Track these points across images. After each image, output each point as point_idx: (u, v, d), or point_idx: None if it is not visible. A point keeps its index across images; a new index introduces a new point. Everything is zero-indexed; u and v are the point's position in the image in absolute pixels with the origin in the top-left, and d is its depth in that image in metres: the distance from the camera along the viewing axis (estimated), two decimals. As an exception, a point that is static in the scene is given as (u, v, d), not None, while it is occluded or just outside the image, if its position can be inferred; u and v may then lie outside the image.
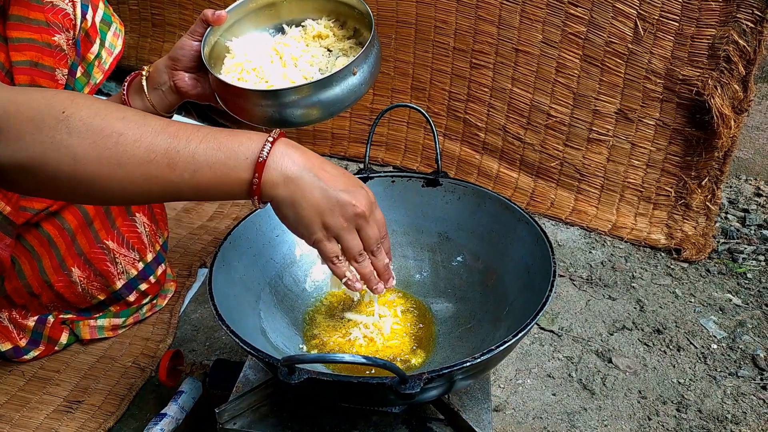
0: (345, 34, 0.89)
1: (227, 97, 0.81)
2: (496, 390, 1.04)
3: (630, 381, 1.07)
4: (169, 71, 0.85)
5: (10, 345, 1.00)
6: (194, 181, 0.61)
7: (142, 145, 0.59)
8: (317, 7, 0.90)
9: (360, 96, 0.81)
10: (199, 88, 0.85)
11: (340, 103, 0.79)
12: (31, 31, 0.86)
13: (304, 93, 0.77)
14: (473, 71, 1.50)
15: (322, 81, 0.76)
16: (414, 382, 0.60)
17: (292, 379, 0.61)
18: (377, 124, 0.97)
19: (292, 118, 0.78)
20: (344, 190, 0.66)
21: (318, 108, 0.78)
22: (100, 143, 0.58)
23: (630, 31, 1.31)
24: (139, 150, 0.59)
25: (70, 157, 0.58)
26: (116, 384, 1.01)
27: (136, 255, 1.04)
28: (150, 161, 0.60)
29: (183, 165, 0.60)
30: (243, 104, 0.79)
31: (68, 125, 0.58)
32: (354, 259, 0.71)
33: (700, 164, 1.35)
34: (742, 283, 1.30)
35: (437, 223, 0.96)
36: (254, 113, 0.79)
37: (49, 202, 0.95)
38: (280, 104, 0.77)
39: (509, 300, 0.84)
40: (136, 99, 0.88)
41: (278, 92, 0.77)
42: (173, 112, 0.93)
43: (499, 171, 1.56)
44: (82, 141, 0.58)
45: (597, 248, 1.41)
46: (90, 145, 0.58)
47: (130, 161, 0.59)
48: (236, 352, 1.09)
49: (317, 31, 0.88)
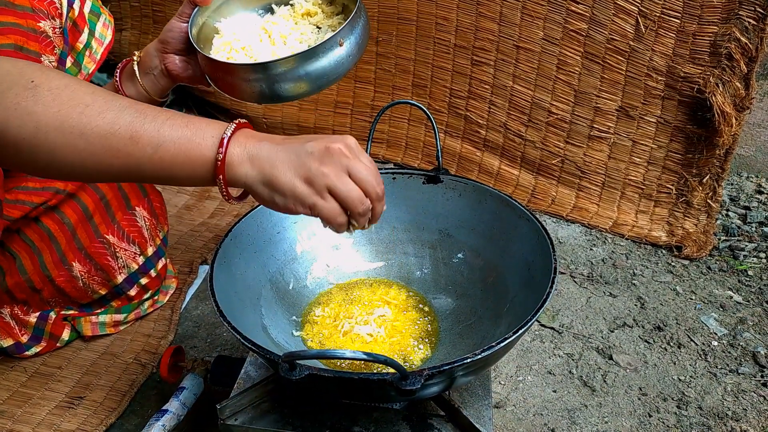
0: (334, 11, 0.89)
1: (216, 75, 0.81)
2: (497, 387, 1.04)
3: (630, 378, 1.07)
4: (160, 54, 0.85)
5: (12, 341, 1.01)
6: (157, 157, 0.59)
7: (106, 117, 0.58)
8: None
9: (347, 68, 0.80)
10: (190, 71, 0.85)
11: (327, 75, 0.78)
12: (15, 16, 0.86)
13: (290, 65, 0.76)
14: (474, 68, 1.50)
15: (307, 52, 0.76)
16: (415, 378, 0.60)
17: (293, 375, 0.61)
18: (378, 121, 0.97)
19: (280, 92, 0.78)
20: (312, 140, 0.62)
21: (305, 81, 0.78)
22: (65, 112, 0.58)
23: (631, 28, 1.31)
24: (103, 121, 0.58)
25: (33, 125, 0.57)
26: (118, 380, 1.01)
27: (136, 249, 1.05)
28: (113, 133, 0.58)
29: (147, 139, 0.59)
30: (231, 80, 0.79)
31: (35, 93, 0.58)
32: (357, 211, 0.63)
33: (701, 161, 1.35)
34: (743, 281, 1.30)
35: (438, 220, 0.96)
36: (243, 89, 0.79)
37: (47, 196, 0.95)
38: (267, 78, 0.77)
39: (510, 297, 0.84)
40: (129, 85, 0.89)
41: (265, 65, 0.77)
42: (167, 97, 0.93)
43: (500, 168, 1.56)
44: (47, 110, 0.57)
45: (598, 245, 1.41)
46: (54, 114, 0.57)
47: (92, 132, 0.58)
48: (237, 349, 1.09)
49: (306, 9, 0.88)
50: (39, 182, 0.95)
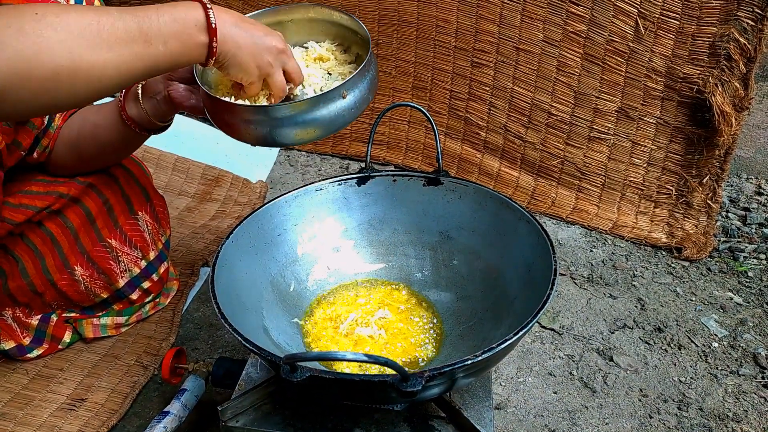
0: (347, 59, 0.88)
1: (213, 111, 0.81)
2: (498, 388, 1.04)
3: (631, 379, 1.07)
4: (165, 81, 0.86)
5: (14, 343, 1.01)
6: (168, 51, 0.68)
7: (119, 28, 0.64)
8: (323, 30, 0.90)
9: (349, 120, 0.79)
10: (193, 100, 0.86)
11: (327, 125, 0.78)
12: None
13: (289, 111, 0.76)
14: (474, 70, 1.50)
15: (308, 100, 0.75)
16: (415, 379, 0.61)
17: (294, 377, 0.61)
18: (378, 123, 0.97)
19: (277, 137, 0.77)
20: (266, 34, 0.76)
21: (303, 128, 0.77)
22: (87, 33, 0.62)
23: (631, 30, 1.31)
24: (119, 32, 0.64)
25: (66, 51, 0.61)
26: (119, 382, 1.01)
27: (138, 253, 1.05)
28: (132, 40, 0.65)
29: (156, 39, 0.67)
30: (228, 119, 0.79)
31: (49, 21, 0.61)
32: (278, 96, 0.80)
33: (701, 162, 1.35)
34: (743, 282, 1.30)
35: (438, 222, 0.97)
36: (241, 130, 0.79)
37: (51, 200, 0.95)
38: (265, 121, 0.76)
39: (510, 298, 0.85)
40: (131, 106, 0.90)
41: (263, 109, 0.76)
42: (169, 121, 0.93)
43: (500, 170, 1.56)
44: (70, 33, 0.61)
45: (598, 247, 1.41)
46: (77, 37, 0.62)
47: (117, 43, 0.64)
48: (239, 351, 1.09)
49: (319, 54, 0.88)
50: (43, 186, 0.96)
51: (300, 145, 0.83)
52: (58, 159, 0.97)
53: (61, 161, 0.97)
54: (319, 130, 0.78)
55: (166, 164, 1.58)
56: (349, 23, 0.88)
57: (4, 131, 0.83)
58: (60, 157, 0.96)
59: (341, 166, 1.69)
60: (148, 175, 1.08)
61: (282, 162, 1.70)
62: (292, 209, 0.95)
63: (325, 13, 0.88)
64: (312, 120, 0.77)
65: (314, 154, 1.72)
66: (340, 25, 0.90)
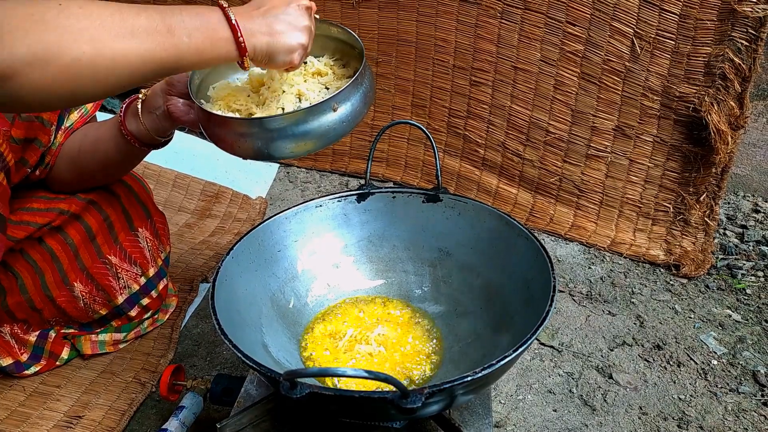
0: (344, 74, 0.89)
1: (207, 125, 0.81)
2: (497, 406, 1.04)
3: (631, 397, 1.06)
4: (164, 95, 0.87)
5: (12, 360, 1.00)
6: (193, 44, 0.68)
7: (142, 17, 0.65)
8: (321, 45, 0.91)
9: (342, 133, 0.79)
10: (192, 115, 0.86)
11: (320, 137, 0.77)
12: None
13: (282, 123, 0.75)
14: (473, 88, 1.52)
15: (299, 112, 0.75)
16: (415, 396, 0.60)
17: (293, 394, 0.61)
18: (378, 141, 0.98)
19: (270, 150, 0.77)
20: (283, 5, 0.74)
21: (296, 141, 0.77)
22: (109, 22, 0.62)
23: (627, 50, 1.33)
24: (141, 20, 0.64)
25: (88, 38, 0.61)
26: (117, 399, 1.01)
27: (138, 270, 1.05)
28: (155, 30, 0.65)
29: (179, 30, 0.66)
30: (221, 132, 0.79)
31: (71, 11, 0.61)
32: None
33: (698, 180, 1.36)
34: (742, 299, 1.30)
35: (437, 239, 0.97)
36: (233, 143, 0.78)
37: (52, 217, 0.95)
38: (256, 133, 0.76)
39: (509, 315, 0.85)
40: (131, 121, 0.90)
41: (256, 121, 0.76)
42: (170, 136, 0.94)
43: (498, 187, 1.57)
44: (93, 22, 0.61)
45: (596, 264, 1.41)
46: (99, 26, 0.62)
47: (140, 32, 0.64)
48: (237, 367, 1.09)
49: (317, 68, 0.88)
50: (44, 203, 0.96)
51: (295, 158, 0.82)
52: (59, 175, 0.97)
53: (62, 177, 0.97)
54: (312, 143, 0.78)
55: (166, 180, 1.59)
56: (344, 37, 0.89)
57: (12, 149, 0.83)
58: (61, 173, 0.97)
59: (341, 182, 1.70)
60: (148, 192, 1.08)
61: (281, 178, 1.71)
62: (292, 225, 0.96)
63: (323, 28, 0.89)
64: (304, 132, 0.76)
65: (314, 170, 1.73)
66: (338, 40, 0.90)
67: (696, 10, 1.24)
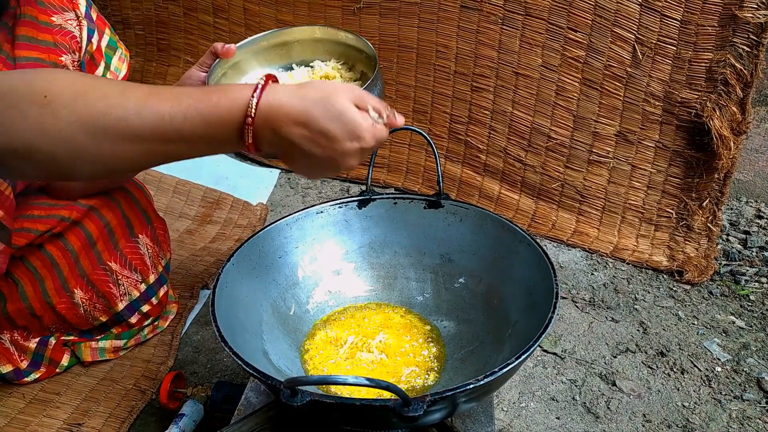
0: (352, 77, 0.90)
1: None
2: (500, 413, 1.03)
3: (634, 404, 1.06)
4: None
5: (11, 367, 1.00)
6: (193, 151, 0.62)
7: (131, 124, 0.59)
8: (328, 49, 0.91)
9: None
10: None
11: None
12: (39, 51, 0.88)
13: None
14: (474, 94, 1.52)
15: None
16: (417, 404, 0.60)
17: (294, 402, 0.61)
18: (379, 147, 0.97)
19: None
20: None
21: None
22: (91, 125, 0.58)
23: (628, 55, 1.33)
24: (129, 129, 0.59)
25: (64, 141, 0.58)
26: (117, 406, 1.00)
27: (138, 276, 1.05)
28: (143, 139, 0.60)
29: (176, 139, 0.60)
30: None
31: (53, 110, 0.58)
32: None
33: (700, 186, 1.36)
34: (745, 306, 1.30)
35: (439, 245, 0.97)
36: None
37: (52, 224, 0.95)
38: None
39: (512, 322, 0.84)
40: None
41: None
42: None
43: (500, 193, 1.57)
44: (70, 125, 0.58)
45: (599, 270, 1.41)
46: (79, 128, 0.58)
47: (124, 138, 0.59)
48: (238, 375, 1.08)
49: (324, 72, 0.89)
50: (44, 210, 0.96)
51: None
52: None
53: (63, 183, 0.97)
54: None
55: (167, 187, 1.59)
56: (355, 42, 0.90)
57: None
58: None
59: (342, 188, 1.69)
60: (149, 198, 1.08)
61: (282, 184, 1.70)
62: (293, 232, 0.95)
63: (331, 32, 0.90)
64: None
65: (315, 177, 1.73)
66: (344, 45, 0.91)
67: (697, 15, 1.24)
